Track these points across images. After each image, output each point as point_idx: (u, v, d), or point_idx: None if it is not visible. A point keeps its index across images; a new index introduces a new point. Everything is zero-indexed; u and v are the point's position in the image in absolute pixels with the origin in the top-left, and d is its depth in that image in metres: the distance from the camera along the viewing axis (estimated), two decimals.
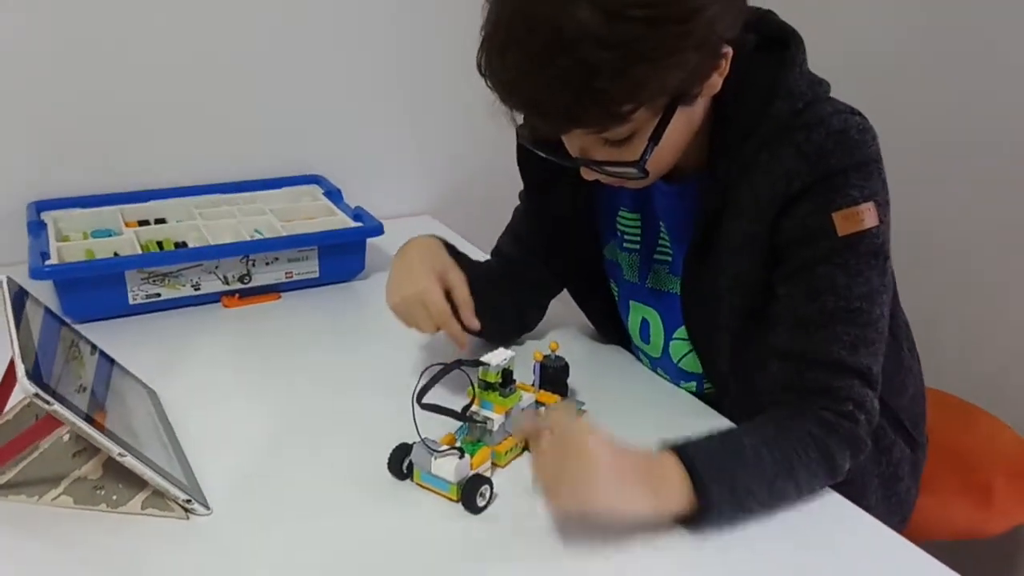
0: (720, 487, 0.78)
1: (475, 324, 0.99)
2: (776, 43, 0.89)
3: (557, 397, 0.98)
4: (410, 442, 0.87)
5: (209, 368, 1.09)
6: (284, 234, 1.28)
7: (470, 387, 0.92)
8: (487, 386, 0.90)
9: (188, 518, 0.80)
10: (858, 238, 0.85)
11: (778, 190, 0.85)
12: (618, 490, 0.76)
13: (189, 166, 1.45)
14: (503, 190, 1.31)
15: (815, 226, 0.85)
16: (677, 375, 1.08)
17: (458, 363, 0.86)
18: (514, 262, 1.13)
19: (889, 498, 1.06)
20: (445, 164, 1.67)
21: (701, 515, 0.78)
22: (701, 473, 0.78)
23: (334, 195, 1.44)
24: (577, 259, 1.10)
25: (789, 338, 0.89)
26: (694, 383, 1.07)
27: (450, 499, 0.85)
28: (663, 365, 1.09)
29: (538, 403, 0.97)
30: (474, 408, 0.90)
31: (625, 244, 1.06)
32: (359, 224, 1.32)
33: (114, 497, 0.81)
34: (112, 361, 0.96)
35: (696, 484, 0.78)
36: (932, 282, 1.56)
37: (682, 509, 0.78)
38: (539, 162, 0.93)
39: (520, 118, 0.84)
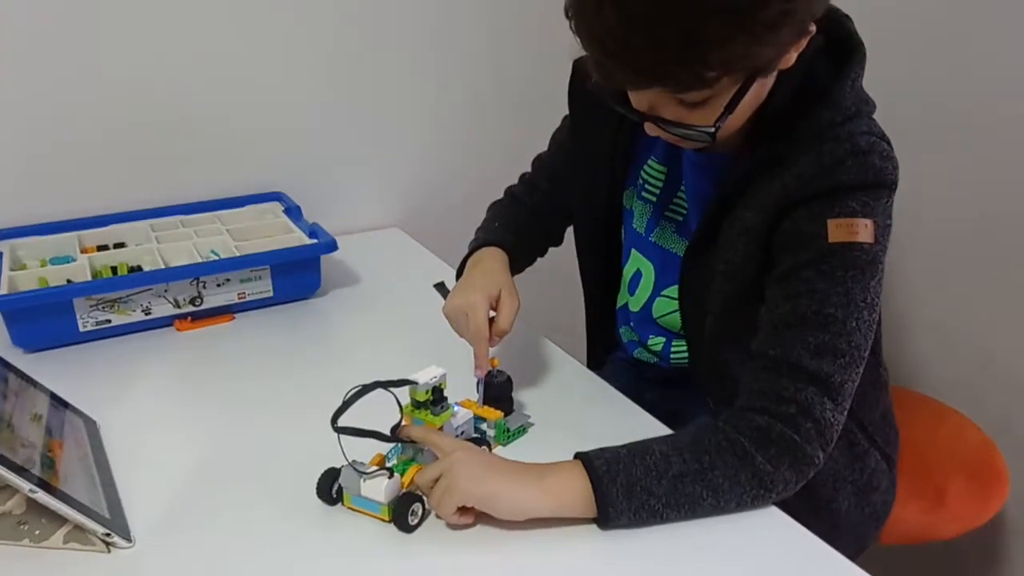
0: (616, 486, 0.80)
1: (486, 366, 1.01)
2: (841, 50, 0.89)
3: (500, 414, 0.97)
4: (339, 466, 0.85)
5: (154, 396, 1.08)
6: (237, 254, 1.27)
7: (406, 404, 0.90)
8: (418, 404, 0.89)
9: (109, 551, 0.80)
10: (846, 248, 0.84)
11: (787, 190, 0.85)
12: (486, 481, 0.82)
13: (150, 188, 1.44)
14: (470, 199, 1.30)
15: (809, 231, 0.84)
16: (649, 330, 1.10)
17: (376, 384, 0.85)
18: (543, 204, 1.19)
19: (863, 507, 1.05)
20: (411, 176, 1.66)
21: (601, 514, 0.81)
22: (599, 473, 0.81)
23: (293, 212, 1.43)
24: (595, 200, 1.11)
25: (762, 338, 0.88)
26: (663, 340, 1.09)
27: (382, 520, 0.84)
28: (639, 319, 1.11)
29: (478, 418, 0.96)
30: (404, 426, 0.89)
31: (643, 193, 1.06)
32: (312, 241, 1.31)
33: (37, 532, 0.80)
34: (51, 395, 0.96)
35: (593, 482, 0.81)
36: (906, 281, 1.54)
37: (581, 508, 0.82)
38: (590, 97, 0.94)
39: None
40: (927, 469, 1.16)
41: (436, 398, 0.89)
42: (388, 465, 0.87)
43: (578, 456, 0.84)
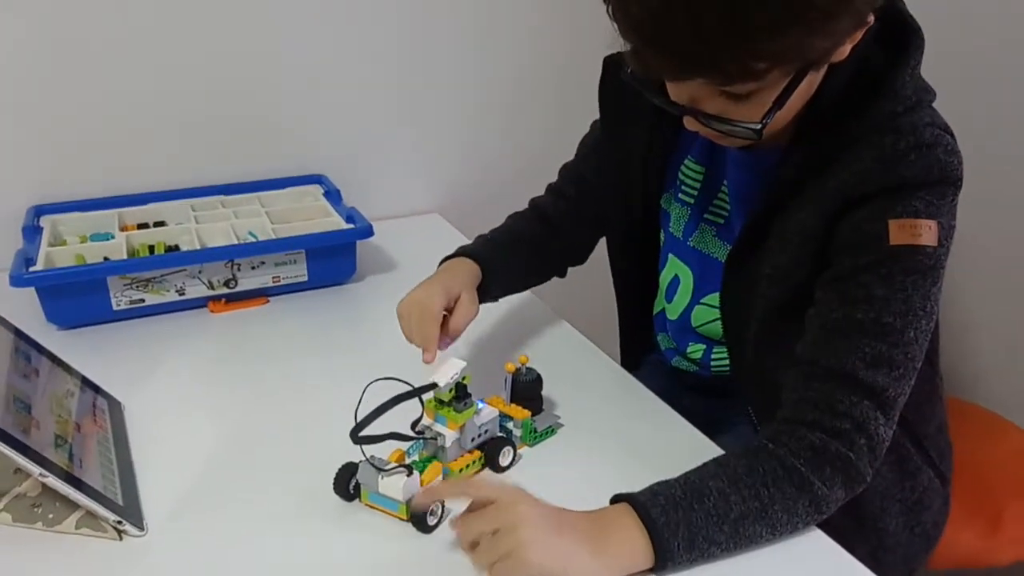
0: (678, 539, 0.73)
1: (429, 359, 0.91)
2: (896, 34, 0.82)
3: (528, 413, 0.93)
4: (357, 461, 0.83)
5: (182, 378, 1.06)
6: (274, 237, 1.26)
7: (428, 400, 0.87)
8: (440, 402, 0.86)
9: (121, 539, 0.78)
10: (909, 251, 0.78)
11: (845, 188, 0.80)
12: (557, 550, 0.71)
13: (193, 168, 1.43)
14: (511, 187, 1.26)
15: (869, 232, 0.79)
16: (688, 338, 1.04)
17: (396, 400, 0.81)
18: (568, 215, 1.12)
19: (912, 527, 0.98)
20: (452, 162, 1.62)
21: (659, 567, 0.73)
22: (659, 526, 0.73)
23: (333, 195, 1.41)
24: (629, 203, 1.05)
25: (810, 343, 0.82)
26: (703, 347, 1.04)
27: (400, 518, 0.81)
28: (677, 328, 1.05)
29: (504, 416, 0.93)
30: (426, 422, 0.86)
31: (680, 195, 1.01)
32: (348, 226, 1.28)
33: (50, 516, 0.79)
34: (82, 378, 0.95)
35: (653, 537, 0.73)
36: (968, 285, 1.45)
37: (640, 564, 0.73)
38: (623, 96, 0.89)
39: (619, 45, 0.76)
40: (984, 488, 1.09)
41: (459, 394, 0.85)
42: (408, 461, 0.84)
43: (628, 501, 0.75)
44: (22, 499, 0.80)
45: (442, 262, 1.05)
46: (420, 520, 0.80)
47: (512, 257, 1.07)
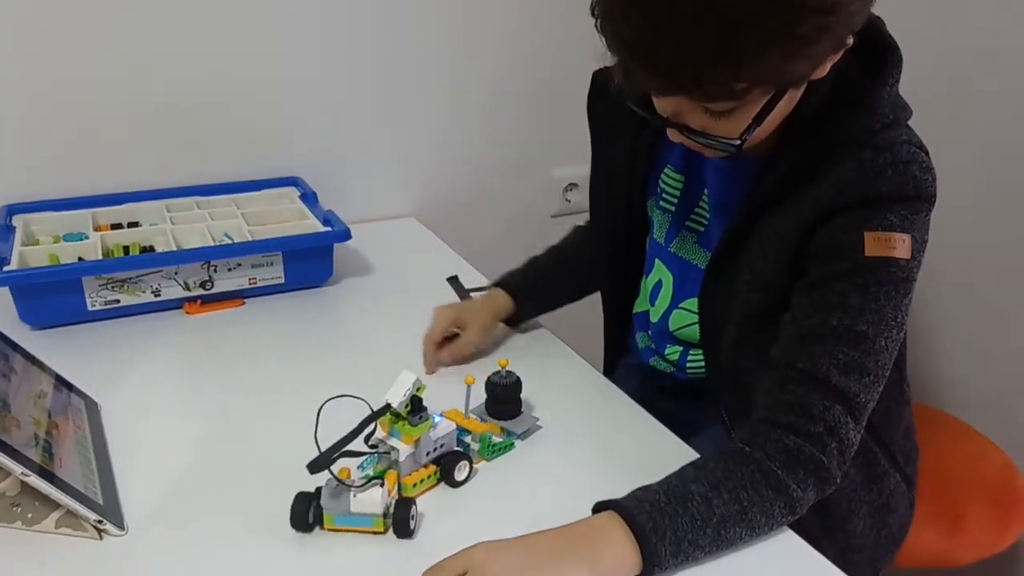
0: (665, 544, 0.74)
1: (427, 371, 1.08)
2: (874, 51, 0.85)
3: (486, 426, 0.93)
4: (311, 490, 0.81)
5: (159, 379, 1.06)
6: (250, 239, 1.26)
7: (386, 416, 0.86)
8: (396, 415, 0.84)
9: (101, 539, 0.78)
10: (883, 263, 0.80)
11: (824, 199, 0.82)
12: (542, 568, 0.72)
13: (168, 169, 1.43)
14: (487, 192, 1.28)
15: (845, 241, 0.81)
16: (666, 340, 1.07)
17: (353, 434, 0.79)
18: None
19: (879, 529, 1.01)
20: (429, 167, 1.63)
21: (647, 573, 0.74)
22: (646, 532, 0.74)
23: (309, 198, 1.41)
24: (614, 211, 1.08)
25: (786, 347, 0.84)
26: (679, 350, 1.06)
27: (376, 532, 0.80)
28: (657, 330, 1.08)
29: (463, 430, 0.92)
30: (380, 435, 0.85)
31: (661, 202, 1.03)
32: (326, 229, 1.29)
33: (30, 515, 0.78)
34: (56, 376, 0.95)
35: (641, 544, 0.74)
36: (936, 296, 1.49)
37: (629, 571, 0.74)
38: (606, 110, 0.95)
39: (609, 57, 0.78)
40: (946, 492, 1.13)
41: (415, 408, 0.84)
42: (361, 475, 0.82)
43: (614, 508, 0.76)
44: (1, 499, 0.79)
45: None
46: (403, 527, 0.79)
47: (539, 287, 1.18)
